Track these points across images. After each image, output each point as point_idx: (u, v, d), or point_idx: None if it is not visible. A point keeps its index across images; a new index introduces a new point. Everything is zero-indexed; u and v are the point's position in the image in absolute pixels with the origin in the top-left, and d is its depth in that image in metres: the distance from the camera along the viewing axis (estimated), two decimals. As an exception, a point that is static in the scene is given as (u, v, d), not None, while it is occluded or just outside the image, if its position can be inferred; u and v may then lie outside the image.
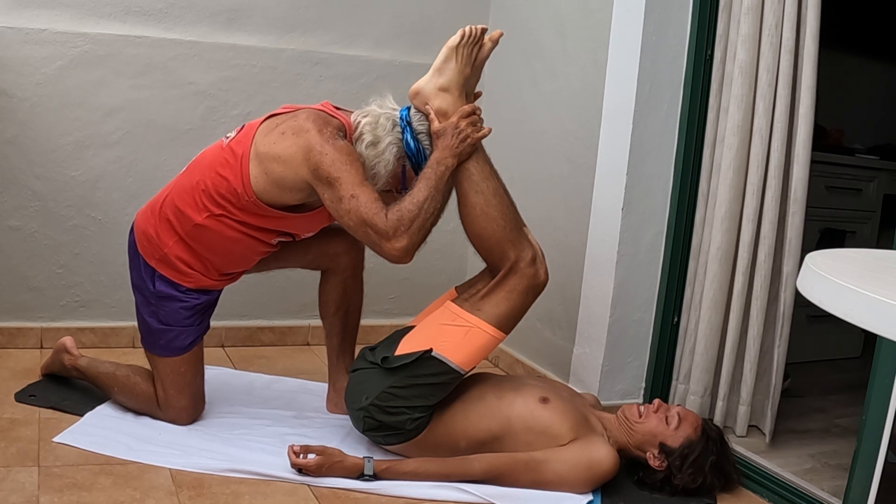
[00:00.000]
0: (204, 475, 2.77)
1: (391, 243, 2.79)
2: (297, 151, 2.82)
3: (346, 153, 2.83)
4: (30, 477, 2.62)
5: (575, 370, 3.73)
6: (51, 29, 3.61)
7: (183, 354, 3.07)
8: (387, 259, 2.84)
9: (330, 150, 2.80)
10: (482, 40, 2.97)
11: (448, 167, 2.88)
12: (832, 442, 3.51)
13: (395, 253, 2.80)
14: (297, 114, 2.95)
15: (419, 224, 2.80)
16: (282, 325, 4.23)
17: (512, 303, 2.92)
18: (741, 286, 3.31)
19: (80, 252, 3.81)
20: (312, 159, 2.80)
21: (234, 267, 3.11)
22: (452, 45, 2.92)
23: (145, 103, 3.80)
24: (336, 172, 2.79)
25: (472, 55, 2.95)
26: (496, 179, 2.97)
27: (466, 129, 2.90)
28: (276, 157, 2.85)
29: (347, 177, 2.79)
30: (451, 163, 2.88)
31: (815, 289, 1.38)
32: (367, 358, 3.00)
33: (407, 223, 2.78)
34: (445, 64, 2.94)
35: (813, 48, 3.10)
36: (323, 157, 2.79)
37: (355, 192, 2.78)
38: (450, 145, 2.88)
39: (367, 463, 2.83)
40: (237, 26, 3.92)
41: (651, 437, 2.96)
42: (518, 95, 4.12)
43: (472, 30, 2.92)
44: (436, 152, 2.89)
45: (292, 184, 2.87)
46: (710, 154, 3.40)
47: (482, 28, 2.95)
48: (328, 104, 3.04)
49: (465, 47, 2.92)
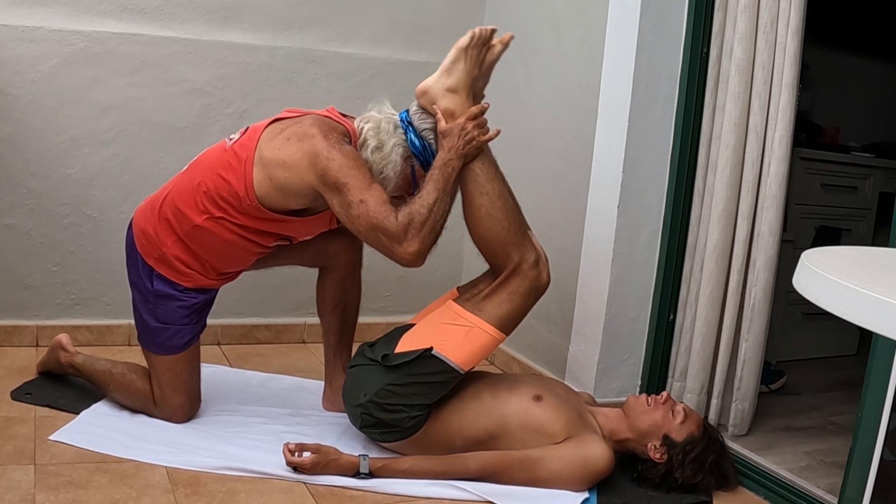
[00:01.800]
0: (200, 473, 2.77)
1: (403, 247, 2.79)
2: (303, 157, 2.81)
3: (353, 158, 2.83)
4: (26, 475, 2.62)
5: (571, 368, 3.73)
6: (46, 27, 3.60)
7: (179, 353, 3.07)
8: (399, 263, 2.84)
9: (337, 156, 2.79)
10: (491, 42, 2.97)
11: (454, 168, 2.88)
12: (828, 439, 3.51)
13: (408, 257, 2.80)
14: (301, 119, 2.94)
15: (430, 227, 2.81)
16: (277, 323, 4.23)
17: (513, 304, 2.92)
18: (736, 283, 3.31)
19: (76, 250, 3.81)
20: (319, 165, 2.79)
21: (232, 267, 3.11)
22: (462, 47, 2.92)
23: (141, 101, 3.80)
24: (344, 178, 2.78)
25: (480, 56, 2.95)
26: (501, 181, 2.97)
27: (473, 132, 2.90)
28: (280, 162, 2.84)
29: (355, 182, 2.79)
30: (457, 164, 2.89)
31: (810, 286, 1.38)
32: (366, 355, 3.00)
33: (418, 226, 2.78)
34: (454, 65, 2.93)
35: (793, 44, 3.09)
36: (330, 162, 2.78)
37: (363, 196, 2.78)
38: (455, 146, 2.88)
39: (363, 461, 2.83)
40: (233, 24, 3.91)
41: (656, 428, 2.97)
42: (514, 93, 4.12)
43: (481, 31, 2.92)
44: (441, 153, 2.89)
45: (297, 189, 2.86)
46: (706, 152, 3.40)
47: (492, 29, 2.95)
48: (334, 110, 3.04)
49: (473, 49, 2.92)
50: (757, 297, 3.27)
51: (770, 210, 3.20)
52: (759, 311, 3.28)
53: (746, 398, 3.37)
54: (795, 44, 3.09)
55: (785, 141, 3.15)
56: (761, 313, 3.29)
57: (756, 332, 3.30)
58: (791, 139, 3.17)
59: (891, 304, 1.20)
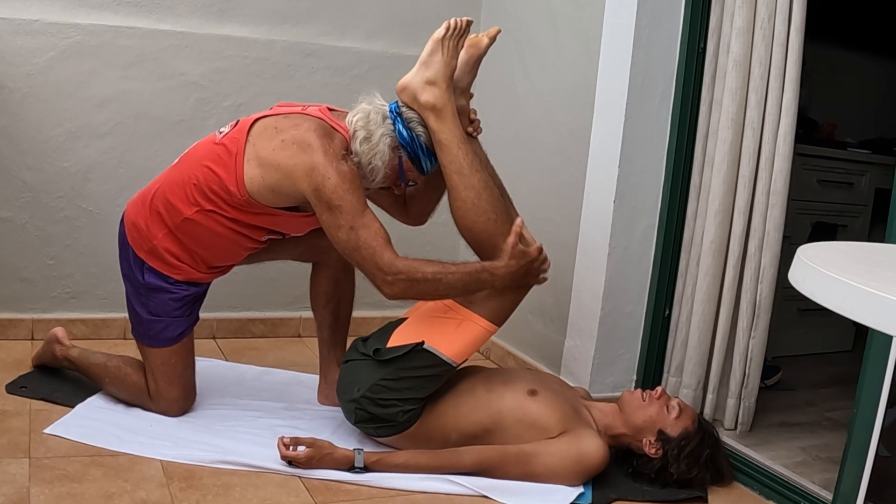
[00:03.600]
0: (195, 467, 2.77)
1: (386, 282, 2.80)
2: (300, 167, 2.79)
3: (350, 180, 2.81)
4: (20, 468, 2.62)
5: (566, 363, 3.73)
6: (42, 20, 3.59)
7: (173, 345, 3.07)
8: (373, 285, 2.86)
9: (333, 175, 2.78)
10: (468, 32, 2.96)
11: (492, 282, 2.86)
12: (823, 435, 3.52)
13: (385, 290, 2.82)
14: (299, 123, 2.90)
15: (421, 290, 2.83)
16: (273, 317, 4.23)
17: (504, 296, 2.92)
18: (731, 279, 3.31)
19: (72, 243, 3.80)
20: (314, 180, 2.77)
21: (223, 261, 3.10)
22: (438, 38, 2.91)
23: (136, 94, 3.79)
24: (337, 200, 2.77)
25: (458, 47, 2.94)
26: (486, 172, 2.96)
27: (542, 267, 2.93)
28: (276, 165, 2.83)
29: (349, 206, 2.78)
30: (500, 283, 2.86)
31: (806, 281, 1.38)
32: (360, 349, 3.00)
33: (410, 281, 2.79)
34: (431, 57, 2.92)
35: (797, 40, 3.09)
36: (326, 180, 2.77)
37: (355, 224, 2.78)
38: (514, 271, 2.86)
39: (358, 455, 2.83)
40: (229, 17, 3.91)
41: (651, 423, 2.98)
42: (510, 88, 4.12)
43: (457, 22, 2.91)
44: (497, 262, 2.85)
45: (289, 192, 2.85)
46: (703, 147, 3.40)
47: (468, 20, 2.93)
48: (326, 110, 3.00)
49: (450, 39, 2.90)
50: (763, 293, 3.28)
51: (775, 207, 3.21)
52: (765, 308, 3.30)
53: (753, 395, 3.38)
54: (798, 40, 3.09)
55: (789, 138, 3.16)
56: (767, 310, 3.31)
57: (762, 329, 3.32)
58: (794, 136, 3.18)
59: (887, 300, 1.19)
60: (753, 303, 3.30)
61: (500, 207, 2.93)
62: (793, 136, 3.17)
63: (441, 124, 2.89)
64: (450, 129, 2.89)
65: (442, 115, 2.89)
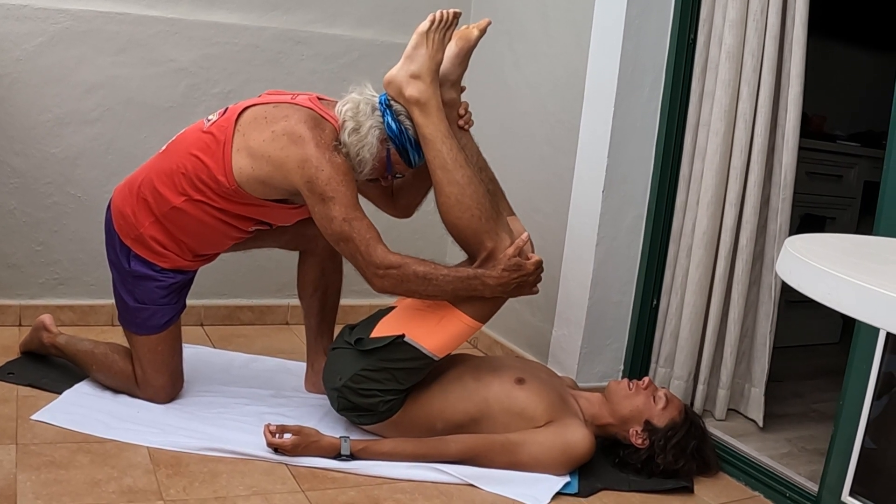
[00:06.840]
0: (182, 454, 2.77)
1: (377, 276, 2.80)
2: (292, 159, 2.78)
3: (343, 172, 2.80)
4: (7, 455, 2.61)
5: (554, 352, 3.74)
6: (31, 5, 3.57)
7: (159, 333, 3.06)
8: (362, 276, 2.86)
9: (327, 167, 2.77)
10: (456, 24, 2.94)
11: (482, 291, 2.85)
12: (809, 427, 3.53)
13: (375, 283, 2.83)
14: (289, 114, 2.88)
15: (409, 287, 2.82)
16: (261, 304, 4.23)
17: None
18: (723, 270, 3.32)
19: (59, 230, 3.79)
20: (307, 172, 2.76)
21: (209, 249, 3.09)
22: (422, 31, 2.88)
23: (126, 80, 3.78)
24: (331, 192, 2.76)
25: (444, 40, 2.90)
26: (473, 167, 2.91)
27: (535, 277, 2.91)
28: (266, 157, 2.81)
29: (342, 198, 2.77)
30: (489, 292, 2.85)
31: (793, 272, 1.38)
32: (345, 337, 3.00)
33: (400, 277, 2.79)
34: (416, 50, 2.89)
35: (802, 35, 3.10)
36: (319, 172, 2.76)
37: (348, 216, 2.77)
38: (506, 282, 2.85)
39: (344, 443, 2.83)
40: (219, 4, 3.89)
41: (637, 413, 2.99)
42: (500, 78, 4.12)
43: (442, 14, 2.88)
44: (491, 271, 2.84)
45: (279, 184, 2.84)
46: (693, 138, 3.41)
47: (454, 12, 2.90)
48: (315, 99, 2.98)
49: (435, 32, 2.87)
50: (775, 286, 3.31)
51: (786, 202, 3.24)
52: (776, 302, 3.33)
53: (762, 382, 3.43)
54: (802, 35, 3.10)
55: (797, 131, 3.18)
56: (777, 303, 3.34)
57: (774, 321, 3.36)
58: (799, 129, 3.21)
59: (874, 292, 1.20)
60: (745, 294, 3.34)
61: (484, 204, 2.87)
62: (798, 130, 3.20)
63: (426, 119, 2.87)
64: (434, 123, 2.87)
65: (426, 109, 2.87)
